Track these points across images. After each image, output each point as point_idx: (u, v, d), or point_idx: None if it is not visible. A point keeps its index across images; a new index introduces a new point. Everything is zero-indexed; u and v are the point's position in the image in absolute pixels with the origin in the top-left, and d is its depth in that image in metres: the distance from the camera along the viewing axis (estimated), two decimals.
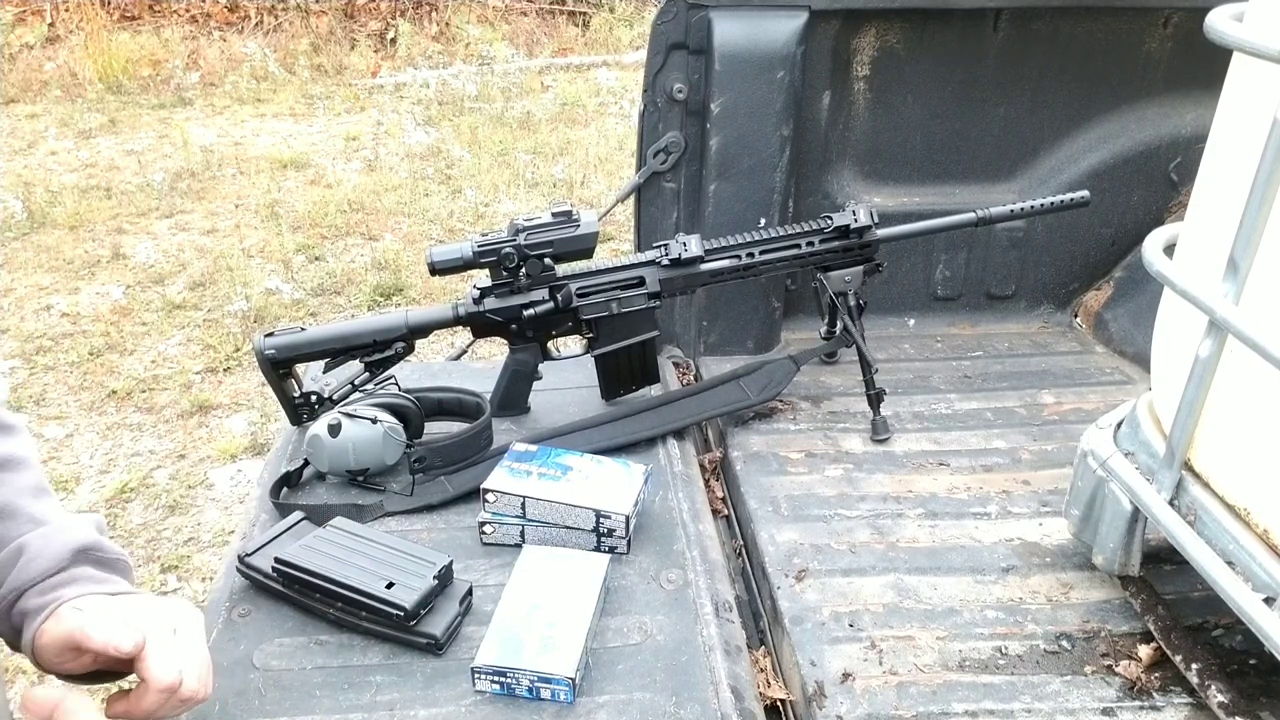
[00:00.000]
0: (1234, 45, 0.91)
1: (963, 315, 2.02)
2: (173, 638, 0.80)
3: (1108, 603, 1.23)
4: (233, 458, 2.74)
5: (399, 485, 1.33)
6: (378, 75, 6.44)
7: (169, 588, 2.29)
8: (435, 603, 1.08)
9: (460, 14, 6.98)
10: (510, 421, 1.51)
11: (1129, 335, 1.90)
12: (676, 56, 1.69)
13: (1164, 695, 1.09)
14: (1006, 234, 1.94)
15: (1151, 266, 1.03)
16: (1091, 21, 1.78)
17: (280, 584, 1.11)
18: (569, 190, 4.62)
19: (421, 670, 1.04)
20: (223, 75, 6.22)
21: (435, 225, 4.24)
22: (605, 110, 5.77)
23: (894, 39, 1.79)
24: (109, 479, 2.65)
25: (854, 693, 1.10)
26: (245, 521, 1.30)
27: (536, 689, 1.00)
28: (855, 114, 1.86)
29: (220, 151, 5.06)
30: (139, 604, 0.82)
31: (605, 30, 7.15)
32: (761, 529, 1.38)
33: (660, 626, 1.11)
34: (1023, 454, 1.56)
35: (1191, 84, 1.84)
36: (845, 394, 1.72)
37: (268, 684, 1.02)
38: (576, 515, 1.20)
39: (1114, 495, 1.15)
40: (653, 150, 1.76)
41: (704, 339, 1.89)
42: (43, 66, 6.04)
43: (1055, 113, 1.88)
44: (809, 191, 1.87)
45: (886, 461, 1.54)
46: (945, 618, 1.21)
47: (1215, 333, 0.96)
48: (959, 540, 1.35)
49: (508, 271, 1.43)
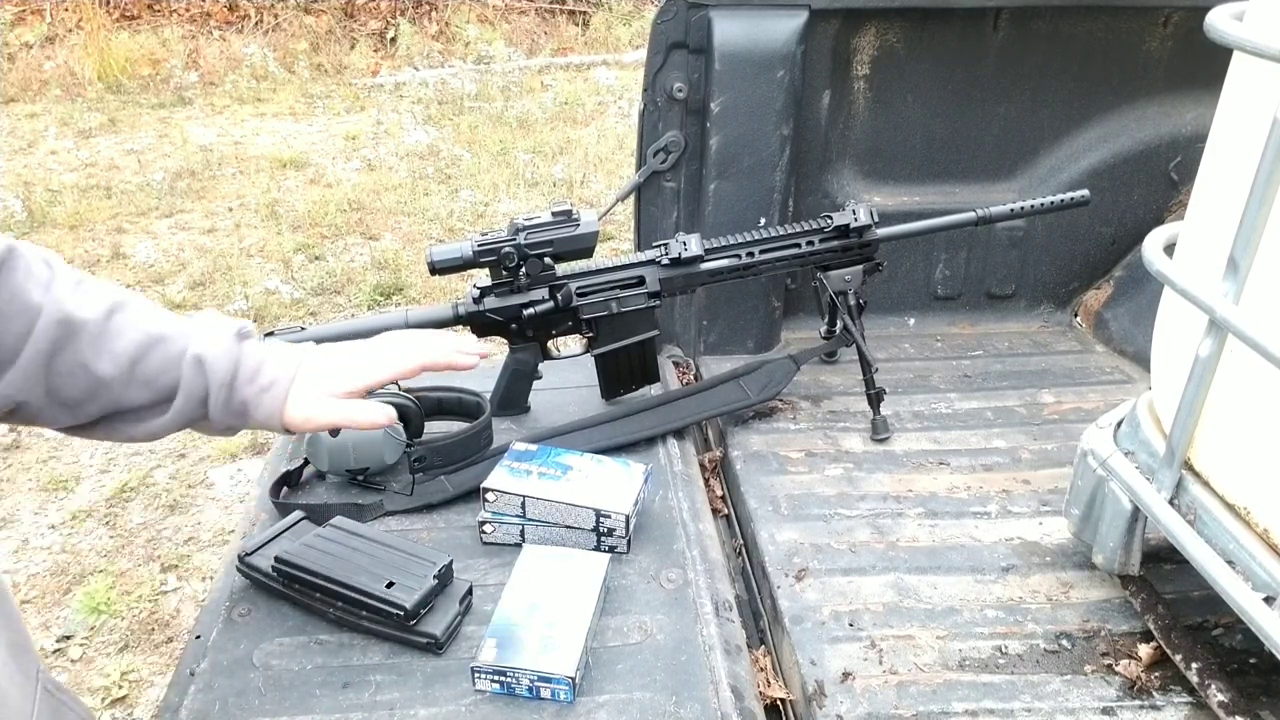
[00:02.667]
0: (1234, 44, 0.91)
1: (963, 314, 2.02)
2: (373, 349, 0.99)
3: (1108, 602, 1.23)
4: (232, 457, 2.74)
5: (399, 485, 1.33)
6: (377, 75, 6.44)
7: (169, 587, 2.29)
8: (435, 602, 1.08)
9: (460, 13, 6.98)
10: (510, 421, 1.51)
11: (1129, 334, 1.90)
12: (676, 55, 1.69)
13: (1164, 694, 1.09)
14: (1006, 233, 1.94)
15: (1151, 266, 1.03)
16: (1092, 20, 1.78)
17: (280, 583, 1.11)
18: (569, 189, 4.62)
19: (421, 670, 1.04)
20: (222, 75, 6.22)
21: (435, 225, 4.24)
22: (605, 109, 5.77)
23: (894, 38, 1.79)
24: (109, 478, 2.65)
25: (854, 692, 1.10)
26: (245, 521, 1.30)
27: (536, 688, 1.00)
28: (855, 113, 1.86)
29: (220, 151, 5.06)
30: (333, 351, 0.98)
31: (605, 29, 7.15)
32: (761, 528, 1.38)
33: (660, 626, 1.11)
34: (1023, 453, 1.56)
35: (1191, 83, 1.84)
36: (845, 393, 1.72)
37: (268, 683, 1.02)
38: (576, 515, 1.20)
39: (1114, 494, 1.15)
40: (653, 149, 1.76)
41: (704, 338, 1.89)
42: (42, 66, 6.05)
43: (1055, 112, 1.88)
44: (809, 191, 1.87)
45: (886, 461, 1.54)
46: (945, 617, 1.21)
47: (1215, 332, 0.96)
48: (959, 540, 1.35)
49: (508, 271, 1.43)
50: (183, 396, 0.87)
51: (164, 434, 0.89)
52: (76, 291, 0.83)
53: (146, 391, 0.85)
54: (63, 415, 0.83)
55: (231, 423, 0.91)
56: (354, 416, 0.95)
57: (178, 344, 0.87)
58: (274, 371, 0.91)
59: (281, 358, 0.93)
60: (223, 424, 0.90)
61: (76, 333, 0.81)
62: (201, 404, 0.88)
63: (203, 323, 0.90)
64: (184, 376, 0.86)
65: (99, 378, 0.82)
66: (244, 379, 0.89)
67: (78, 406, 0.83)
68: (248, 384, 0.89)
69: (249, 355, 0.90)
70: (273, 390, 0.90)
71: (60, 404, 0.82)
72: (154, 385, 0.86)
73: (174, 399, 0.87)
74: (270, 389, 0.90)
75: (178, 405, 0.87)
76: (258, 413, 0.90)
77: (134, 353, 0.84)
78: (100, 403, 0.84)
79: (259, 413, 0.90)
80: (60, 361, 0.80)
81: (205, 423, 0.90)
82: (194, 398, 0.87)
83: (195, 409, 0.88)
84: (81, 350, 0.81)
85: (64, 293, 0.81)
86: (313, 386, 0.93)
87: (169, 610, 2.23)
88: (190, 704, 0.99)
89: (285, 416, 0.91)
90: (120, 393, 0.84)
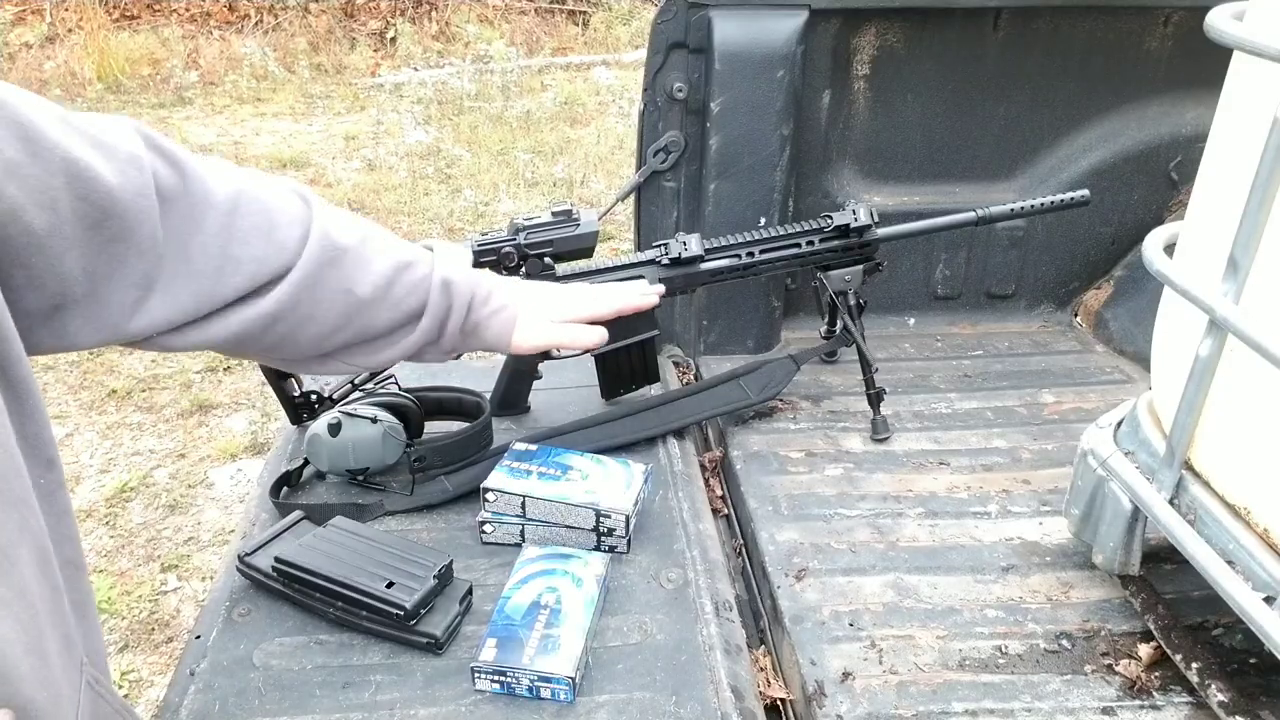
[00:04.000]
0: (1234, 44, 0.91)
1: (963, 314, 2.02)
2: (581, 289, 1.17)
3: (1108, 602, 1.23)
4: (233, 457, 2.74)
5: (399, 484, 1.33)
6: (377, 75, 6.44)
7: (169, 587, 2.29)
8: (435, 602, 1.08)
9: (460, 13, 6.98)
10: (510, 421, 1.51)
11: (1129, 334, 1.90)
12: (676, 55, 1.69)
13: (1164, 694, 1.09)
14: (1006, 233, 1.94)
15: (1151, 265, 1.03)
16: (1092, 20, 1.78)
17: (280, 583, 1.11)
18: (569, 189, 4.62)
19: (421, 670, 1.04)
20: (222, 75, 6.22)
21: (435, 224, 4.24)
22: (605, 109, 5.77)
23: (894, 38, 1.79)
24: (109, 478, 2.65)
25: (854, 692, 1.10)
26: (245, 521, 1.30)
27: (536, 688, 1.00)
28: (855, 113, 1.86)
29: (220, 151, 5.06)
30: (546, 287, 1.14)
31: (604, 29, 7.15)
32: (761, 528, 1.38)
33: (660, 626, 1.11)
34: (1023, 453, 1.56)
35: (1192, 83, 1.84)
36: (845, 393, 1.72)
37: (267, 683, 1.02)
38: (576, 515, 1.20)
39: (1114, 494, 1.14)
40: (653, 149, 1.76)
41: (704, 338, 1.89)
42: (42, 66, 6.05)
43: (1055, 111, 1.88)
44: (809, 191, 1.87)
45: (886, 461, 1.54)
46: (945, 617, 1.21)
47: (1215, 332, 0.96)
48: (959, 539, 1.35)
49: (508, 271, 1.42)
50: (429, 316, 0.94)
51: (396, 360, 0.97)
52: (336, 218, 0.88)
53: (394, 313, 0.92)
54: (307, 345, 0.88)
55: (459, 345, 1.00)
56: (577, 337, 1.11)
57: (423, 268, 0.94)
58: (505, 298, 1.03)
59: (509, 286, 1.05)
60: (451, 345, 0.99)
61: (340, 256, 0.86)
62: (441, 325, 0.96)
63: (443, 250, 0.98)
64: (431, 298, 0.94)
65: (359, 299, 0.88)
66: (479, 301, 0.99)
67: (328, 336, 0.88)
68: (483, 305, 1.00)
69: (483, 282, 1.01)
70: (503, 314, 1.02)
71: (313, 332, 0.87)
72: (401, 306, 0.92)
73: (419, 319, 0.94)
74: (501, 312, 1.02)
75: (424, 325, 0.94)
76: (487, 334, 1.01)
77: (390, 274, 0.90)
78: (351, 329, 0.89)
79: (488, 334, 1.01)
80: (326, 281, 0.85)
81: (435, 345, 0.98)
82: (437, 318, 0.95)
83: (435, 330, 0.96)
84: (346, 273, 0.86)
85: (326, 220, 0.86)
86: (538, 312, 1.06)
87: (169, 610, 2.23)
88: (190, 704, 0.99)
89: (514, 338, 1.03)
90: (371, 316, 0.90)
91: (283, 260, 0.82)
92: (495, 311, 1.02)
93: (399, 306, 0.92)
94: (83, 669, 0.68)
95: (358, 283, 0.88)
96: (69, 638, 0.67)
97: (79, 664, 0.68)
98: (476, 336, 1.02)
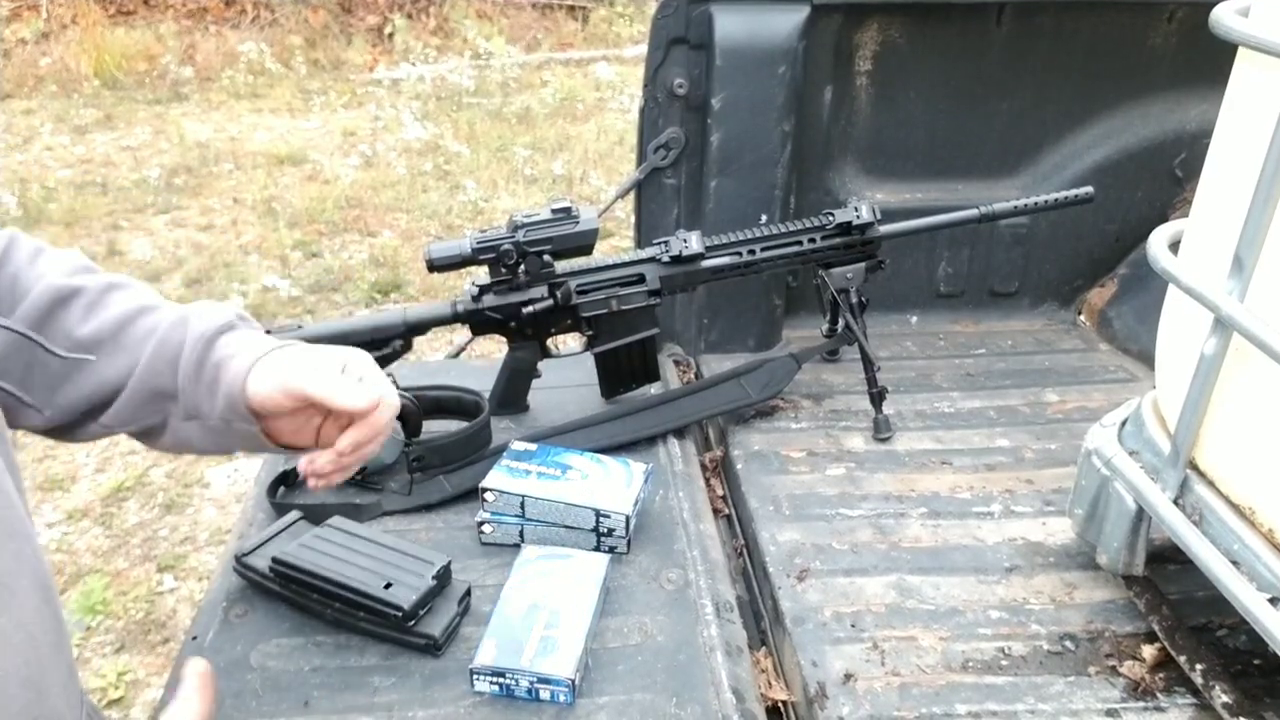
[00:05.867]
0: (1239, 40, 0.90)
1: (966, 312, 2.01)
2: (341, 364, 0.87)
3: (1112, 603, 1.22)
4: (230, 456, 2.73)
5: (397, 484, 1.32)
6: (375, 70, 6.42)
7: (165, 588, 2.28)
8: (434, 603, 1.07)
9: (458, 8, 6.96)
10: (509, 420, 1.50)
11: (1133, 333, 1.89)
12: (677, 51, 1.68)
13: (1168, 696, 1.09)
14: (1010, 230, 1.93)
15: (1156, 263, 1.03)
16: (1095, 16, 1.77)
17: (278, 584, 1.11)
18: (568, 186, 4.61)
19: (420, 671, 1.03)
20: (219, 70, 6.20)
21: (433, 221, 4.23)
22: (605, 105, 5.76)
23: (896, 33, 1.78)
24: (105, 478, 2.64)
25: (856, 693, 1.09)
26: (242, 521, 1.29)
27: (536, 690, 0.99)
28: (857, 109, 1.85)
29: (216, 147, 5.04)
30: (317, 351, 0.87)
31: (605, 25, 7.13)
32: (763, 528, 1.37)
33: (660, 627, 1.10)
34: (1026, 453, 1.55)
35: (1196, 79, 1.83)
36: (847, 392, 1.71)
37: (265, 685, 1.01)
38: (576, 515, 1.20)
39: (1118, 494, 1.14)
40: (653, 146, 1.74)
41: (705, 336, 1.88)
42: (38, 62, 6.02)
43: (1059, 108, 1.87)
44: (810, 187, 1.86)
45: (889, 460, 1.53)
46: (948, 618, 1.20)
47: (1220, 330, 0.95)
48: (962, 540, 1.34)
49: (507, 268, 1.42)
50: (153, 348, 0.80)
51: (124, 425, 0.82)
52: (80, 271, 0.81)
53: (127, 359, 0.80)
54: (43, 405, 0.78)
55: (199, 397, 0.82)
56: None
57: (169, 312, 0.83)
58: (239, 347, 0.84)
59: (257, 340, 0.86)
60: (191, 398, 0.81)
61: (70, 300, 0.78)
62: (172, 365, 0.80)
63: (201, 304, 0.87)
64: (160, 331, 0.81)
65: (79, 340, 0.78)
66: (220, 345, 0.82)
67: (59, 390, 0.79)
68: (223, 348, 0.82)
69: (230, 335, 0.84)
70: (235, 360, 0.82)
71: (45, 386, 0.78)
72: (135, 353, 0.80)
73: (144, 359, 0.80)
74: (234, 358, 0.82)
75: (145, 361, 0.80)
76: (225, 376, 0.81)
77: (122, 317, 0.80)
78: (81, 387, 0.79)
79: (225, 376, 0.81)
80: (49, 328, 0.77)
81: (171, 400, 0.82)
82: (164, 356, 0.80)
83: (163, 370, 0.80)
84: (72, 315, 0.78)
85: (65, 269, 0.80)
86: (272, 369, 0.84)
87: (165, 611, 2.22)
88: None
89: (247, 387, 0.82)
90: (104, 366, 0.79)
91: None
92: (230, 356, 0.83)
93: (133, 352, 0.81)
94: (83, 702, 0.67)
95: (83, 325, 0.79)
96: (71, 669, 0.65)
97: (80, 697, 0.67)
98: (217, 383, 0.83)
